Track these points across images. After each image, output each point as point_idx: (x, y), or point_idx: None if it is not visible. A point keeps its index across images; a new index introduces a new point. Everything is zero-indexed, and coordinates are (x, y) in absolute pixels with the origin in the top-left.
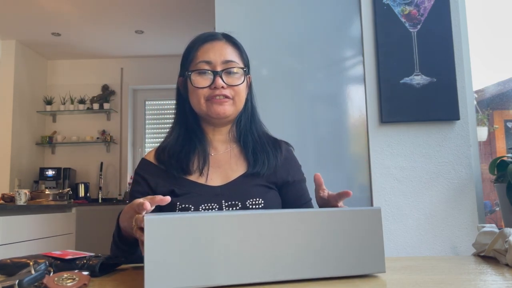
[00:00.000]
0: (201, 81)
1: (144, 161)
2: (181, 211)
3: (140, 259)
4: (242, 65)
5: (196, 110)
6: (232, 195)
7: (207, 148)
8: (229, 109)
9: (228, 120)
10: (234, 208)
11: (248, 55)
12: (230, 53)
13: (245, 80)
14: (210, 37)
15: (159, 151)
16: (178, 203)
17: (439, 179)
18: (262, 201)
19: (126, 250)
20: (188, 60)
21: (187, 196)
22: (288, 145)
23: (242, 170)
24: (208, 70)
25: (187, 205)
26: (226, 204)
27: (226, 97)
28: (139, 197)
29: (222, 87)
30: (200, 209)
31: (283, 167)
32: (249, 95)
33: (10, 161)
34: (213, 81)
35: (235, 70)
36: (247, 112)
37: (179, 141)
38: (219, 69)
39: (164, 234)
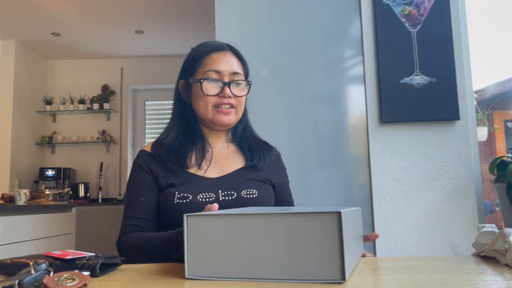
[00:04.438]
0: (211, 89)
1: (144, 152)
2: (179, 200)
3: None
4: (245, 77)
5: (201, 115)
6: (229, 186)
7: (205, 145)
8: (233, 118)
9: (230, 127)
10: (229, 198)
11: (248, 55)
12: (236, 65)
13: (248, 92)
14: (217, 47)
15: (156, 145)
16: (176, 193)
17: (439, 179)
18: (256, 192)
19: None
20: (195, 67)
21: (185, 186)
22: (276, 150)
23: (239, 165)
24: (218, 79)
25: (185, 194)
26: (223, 193)
27: (231, 106)
28: (144, 186)
29: (229, 96)
30: (198, 198)
31: (274, 169)
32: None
33: (10, 161)
34: (222, 90)
35: (241, 82)
36: (244, 118)
37: (178, 139)
38: (226, 79)
39: (203, 231)
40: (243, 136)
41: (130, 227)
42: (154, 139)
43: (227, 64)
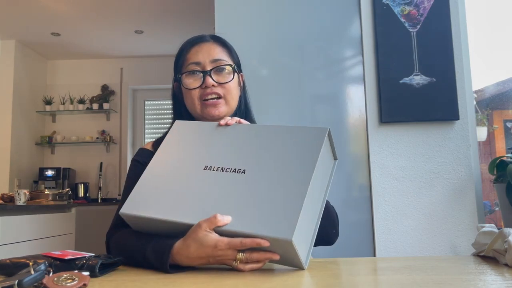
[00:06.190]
0: (192, 82)
1: (143, 150)
2: None
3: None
4: (231, 63)
5: (191, 112)
6: None
7: None
8: (223, 110)
9: None
10: None
11: (248, 55)
12: (219, 53)
13: (235, 78)
14: (198, 40)
15: (157, 143)
16: None
17: (438, 179)
18: None
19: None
20: (179, 64)
21: None
22: None
23: None
24: (198, 70)
25: None
26: None
27: (218, 96)
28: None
29: (213, 85)
30: None
31: None
32: (242, 93)
33: (10, 161)
34: (203, 80)
35: (223, 67)
36: (241, 110)
37: None
38: (208, 68)
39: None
40: None
41: (120, 221)
42: (155, 139)
43: (207, 53)
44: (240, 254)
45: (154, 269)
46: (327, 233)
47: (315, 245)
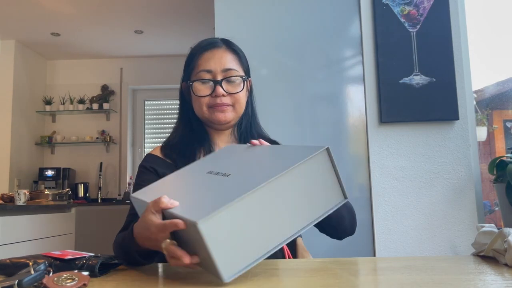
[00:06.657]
0: (203, 89)
1: (150, 155)
2: None
3: (138, 263)
4: (241, 72)
5: (199, 116)
6: None
7: (211, 145)
8: (230, 116)
9: (230, 125)
10: None
11: (248, 55)
12: (230, 61)
13: (245, 87)
14: (210, 45)
15: (165, 147)
16: None
17: (438, 179)
18: None
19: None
20: (190, 68)
21: None
22: None
23: None
24: (209, 79)
25: None
26: None
27: (227, 104)
28: (145, 185)
29: (223, 95)
30: None
31: None
32: (249, 98)
33: (10, 161)
34: (214, 89)
35: (234, 78)
36: (247, 115)
37: (184, 140)
38: (219, 77)
39: (221, 229)
40: (249, 136)
41: (127, 223)
42: (161, 144)
43: (219, 61)
44: (164, 243)
45: (133, 261)
46: (352, 226)
47: (342, 237)
